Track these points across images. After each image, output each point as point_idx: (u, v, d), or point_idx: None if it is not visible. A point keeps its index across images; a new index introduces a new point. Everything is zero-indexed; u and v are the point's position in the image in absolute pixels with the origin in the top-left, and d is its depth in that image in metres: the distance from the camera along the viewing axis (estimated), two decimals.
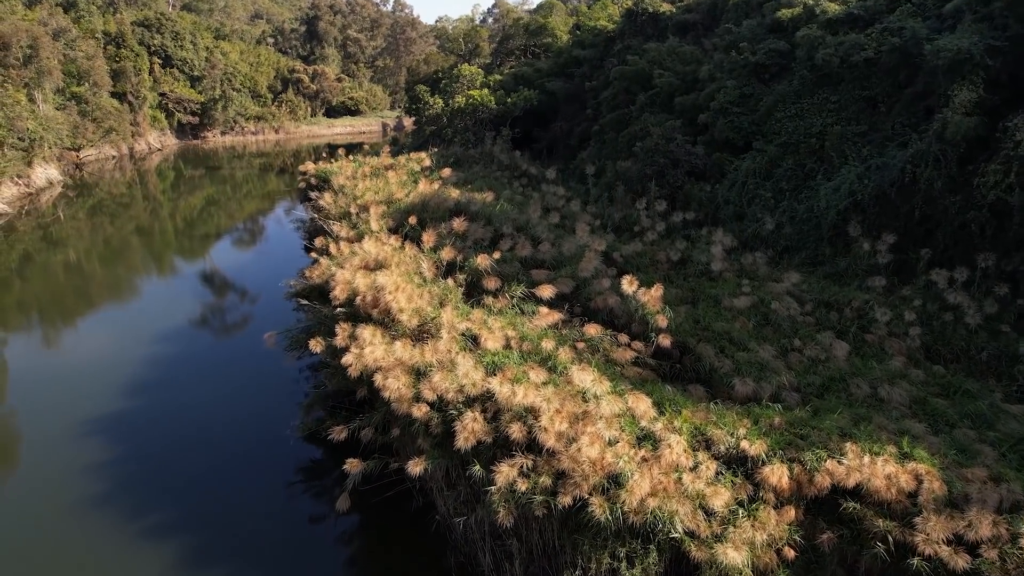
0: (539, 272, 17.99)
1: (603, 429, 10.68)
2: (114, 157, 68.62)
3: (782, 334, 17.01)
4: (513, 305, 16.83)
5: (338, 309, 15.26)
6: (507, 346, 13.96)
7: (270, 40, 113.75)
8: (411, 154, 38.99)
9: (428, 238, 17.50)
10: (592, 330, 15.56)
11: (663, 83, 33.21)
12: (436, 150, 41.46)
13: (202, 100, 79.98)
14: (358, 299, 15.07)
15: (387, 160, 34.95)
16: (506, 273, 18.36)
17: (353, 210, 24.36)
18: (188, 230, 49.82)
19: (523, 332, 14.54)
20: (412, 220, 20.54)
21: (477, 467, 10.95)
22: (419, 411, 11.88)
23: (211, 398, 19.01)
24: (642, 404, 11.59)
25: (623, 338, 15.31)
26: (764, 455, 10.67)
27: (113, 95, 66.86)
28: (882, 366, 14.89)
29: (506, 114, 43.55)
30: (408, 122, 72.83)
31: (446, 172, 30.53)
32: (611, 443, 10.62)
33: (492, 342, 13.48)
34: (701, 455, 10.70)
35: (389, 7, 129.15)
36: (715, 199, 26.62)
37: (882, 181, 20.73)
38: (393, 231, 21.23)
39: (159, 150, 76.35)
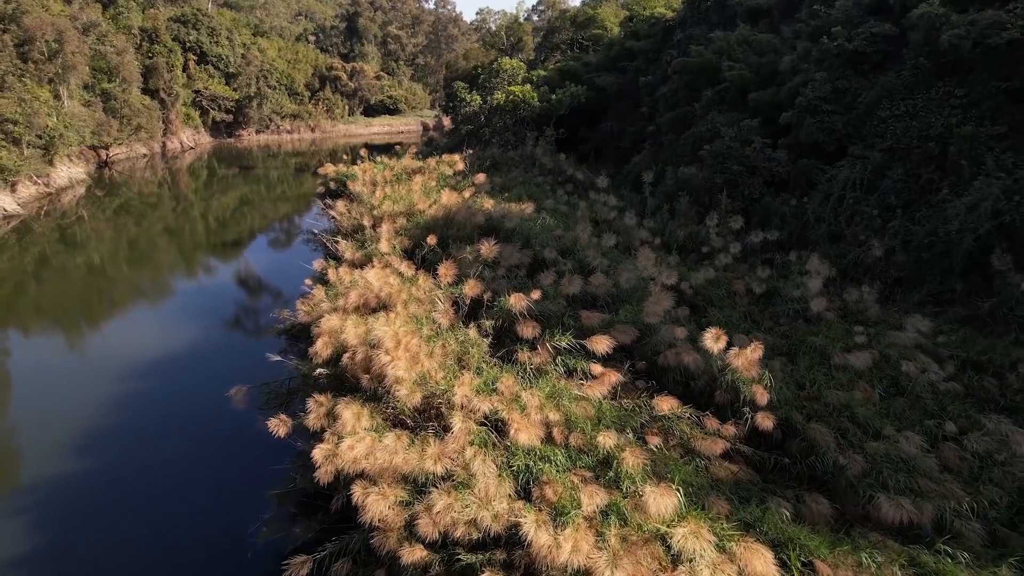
0: (590, 315, 13.79)
1: None
2: (145, 155, 66.76)
3: (924, 411, 12.44)
4: (556, 360, 12.70)
5: (319, 371, 11.34)
6: (547, 435, 9.83)
7: (311, 38, 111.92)
8: (444, 156, 35.13)
9: (446, 271, 13.45)
10: (665, 405, 11.30)
11: (734, 77, 28.57)
12: (471, 152, 37.52)
13: (237, 97, 77.87)
14: (346, 357, 11.14)
15: (414, 163, 31.10)
16: (548, 313, 14.23)
17: (367, 223, 20.57)
18: (216, 234, 46.77)
19: (569, 414, 10.37)
20: (431, 240, 16.55)
21: None
22: (412, 555, 7.82)
23: (180, 457, 15.26)
24: (759, 562, 7.32)
25: (711, 422, 10.96)
26: None
27: (145, 92, 64.96)
28: None
29: (550, 112, 39.33)
30: (447, 121, 69.50)
31: (480, 178, 26.57)
32: None
33: (525, 433, 9.35)
34: None
35: (431, 4, 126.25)
36: (802, 215, 21.95)
37: None
38: (409, 253, 17.30)
39: (192, 148, 74.42)
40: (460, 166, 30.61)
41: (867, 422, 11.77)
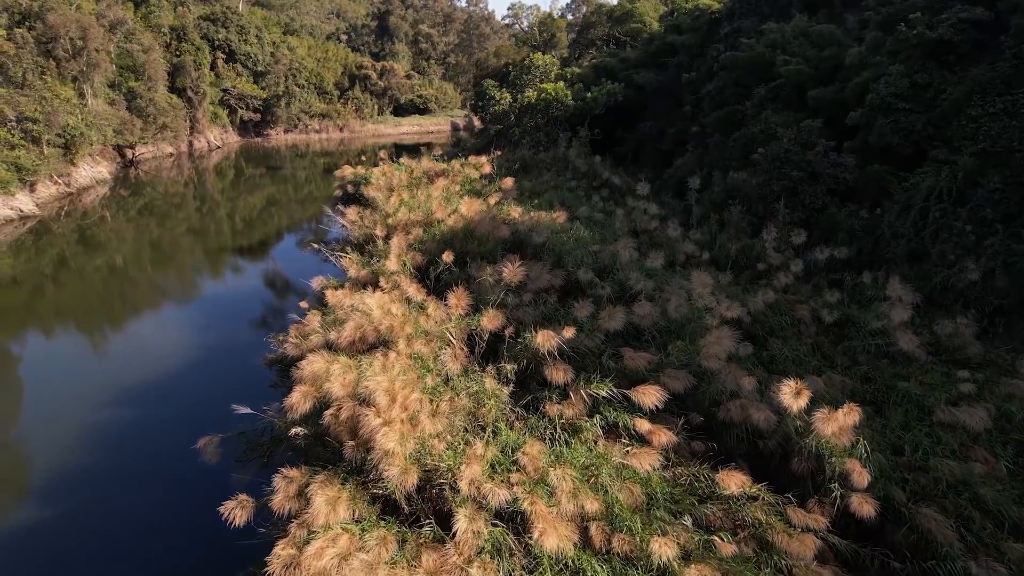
0: (635, 355, 11.30)
1: None
2: (171, 155, 65.91)
3: None
4: (591, 412, 10.30)
5: (295, 430, 9.10)
6: (583, 534, 7.43)
7: (343, 37, 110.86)
8: (471, 157, 32.85)
9: (459, 300, 11.10)
10: (732, 482, 8.83)
11: (790, 72, 25.73)
12: (500, 153, 35.18)
13: (265, 96, 76.79)
14: (328, 414, 8.87)
15: (438, 165, 28.88)
16: (583, 349, 11.80)
17: (379, 233, 18.37)
18: (242, 234, 44.91)
19: (611, 501, 7.95)
20: (447, 257, 14.24)
21: None
22: None
23: (141, 511, 12.92)
24: None
25: (797, 514, 8.41)
26: None
27: (173, 90, 64.12)
28: None
29: (584, 111, 36.79)
30: (478, 121, 67.35)
31: (507, 182, 24.22)
32: None
33: (553, 534, 6.99)
34: None
35: (463, 2, 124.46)
36: (875, 229, 19.13)
37: None
38: (422, 271, 15.00)
39: (219, 148, 73.51)
40: (487, 169, 28.33)
41: (999, 509, 9.11)
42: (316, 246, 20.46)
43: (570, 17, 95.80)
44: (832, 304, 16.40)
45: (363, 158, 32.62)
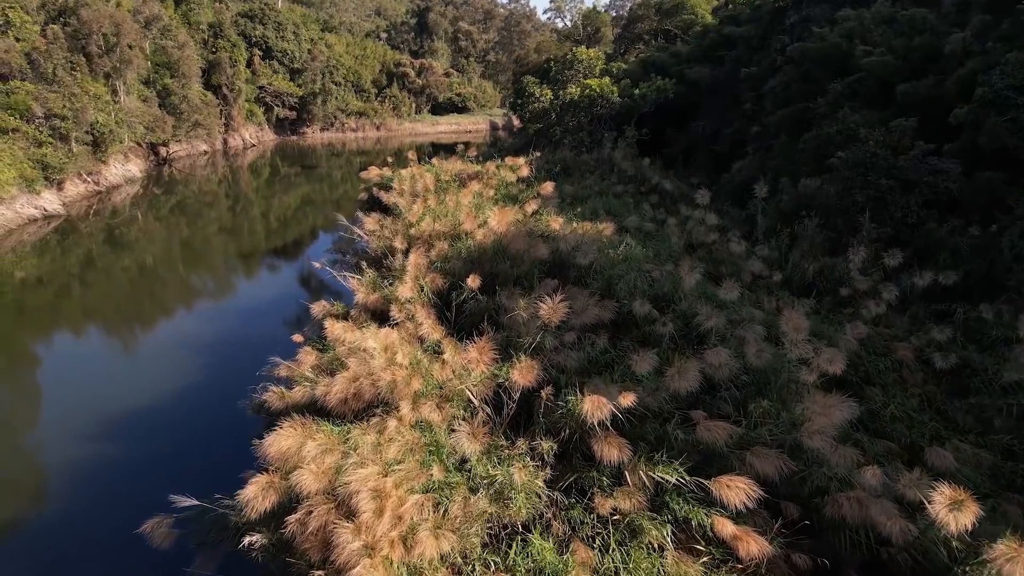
0: (711, 424, 8.56)
1: None
2: (206, 152, 65.11)
3: None
4: (654, 503, 7.68)
5: (249, 539, 6.67)
6: None
7: (383, 35, 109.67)
8: (508, 159, 30.28)
9: (482, 353, 8.53)
10: None
11: (872, 64, 22.54)
12: (539, 154, 32.58)
13: (301, 94, 75.65)
14: (293, 520, 6.39)
15: (471, 166, 26.44)
16: (641, 408, 9.12)
17: (399, 245, 15.95)
18: (276, 234, 43.15)
19: None
20: (473, 282, 11.69)
21: None
22: None
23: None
24: None
25: None
26: None
27: (208, 87, 63.24)
28: None
29: (631, 109, 33.92)
30: (517, 120, 64.80)
31: (547, 187, 21.59)
32: None
33: None
34: None
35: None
36: (990, 250, 15.95)
37: None
38: (442, 299, 12.49)
39: (254, 146, 72.59)
40: (525, 171, 25.73)
41: None
42: (319, 264, 18.00)
43: (614, 13, 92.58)
44: (943, 344, 13.37)
45: (390, 159, 30.25)
